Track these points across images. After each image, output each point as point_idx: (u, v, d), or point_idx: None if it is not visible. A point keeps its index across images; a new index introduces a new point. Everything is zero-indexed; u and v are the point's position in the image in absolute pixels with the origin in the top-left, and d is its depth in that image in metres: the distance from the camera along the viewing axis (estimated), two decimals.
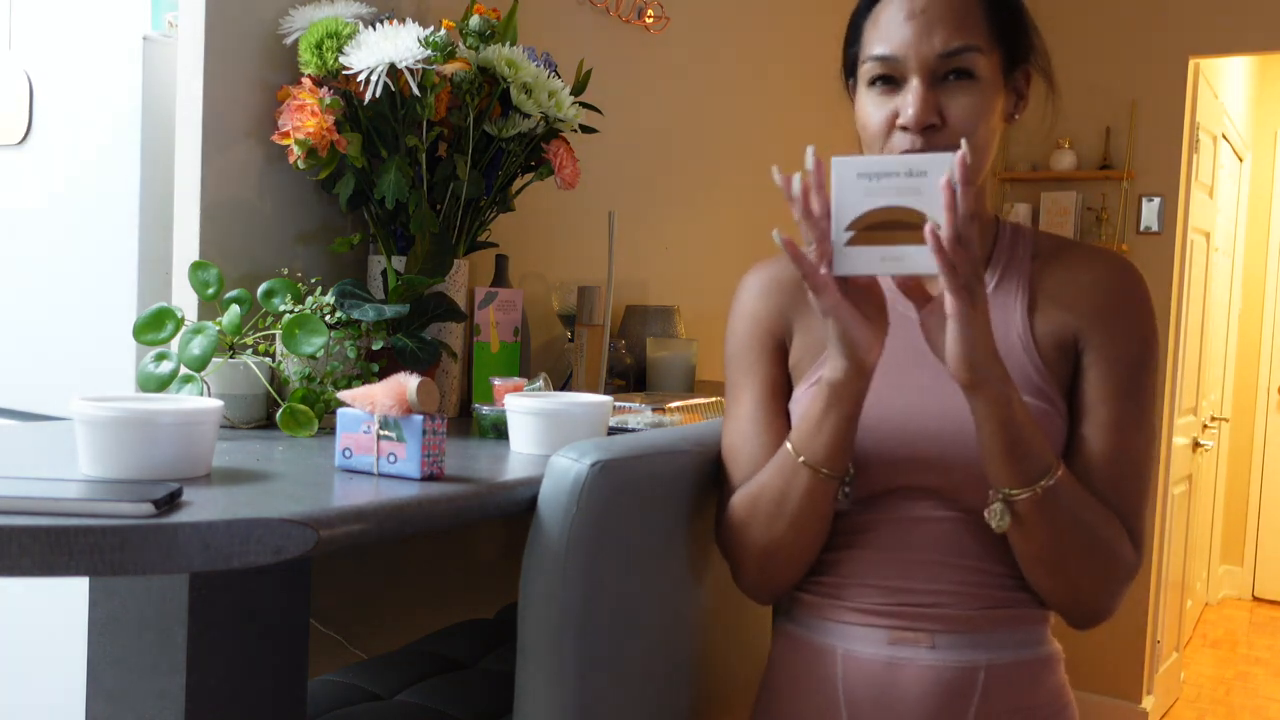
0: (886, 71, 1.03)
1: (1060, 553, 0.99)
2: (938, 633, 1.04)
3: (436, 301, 1.40)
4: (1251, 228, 5.47)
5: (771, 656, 1.15)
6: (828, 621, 1.08)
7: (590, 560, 0.99)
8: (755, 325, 1.14)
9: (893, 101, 1.03)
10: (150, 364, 1.21)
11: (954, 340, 0.90)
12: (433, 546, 1.76)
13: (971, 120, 1.01)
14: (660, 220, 2.33)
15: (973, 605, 1.04)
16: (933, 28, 1.00)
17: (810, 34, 2.85)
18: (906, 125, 1.01)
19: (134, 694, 0.97)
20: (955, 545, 1.04)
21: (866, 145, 1.06)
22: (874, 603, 1.05)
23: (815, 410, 0.99)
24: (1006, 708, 1.05)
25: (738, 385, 1.14)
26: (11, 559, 0.74)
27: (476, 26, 1.45)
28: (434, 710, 1.26)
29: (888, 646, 1.05)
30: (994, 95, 1.03)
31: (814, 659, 1.09)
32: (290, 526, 0.80)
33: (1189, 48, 3.50)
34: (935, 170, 0.88)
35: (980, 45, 1.01)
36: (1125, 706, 3.58)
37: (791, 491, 1.02)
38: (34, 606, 1.51)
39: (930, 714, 1.04)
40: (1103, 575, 1.01)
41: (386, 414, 1.00)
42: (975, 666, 1.04)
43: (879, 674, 1.05)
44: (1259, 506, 5.54)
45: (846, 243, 0.91)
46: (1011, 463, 0.95)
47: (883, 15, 1.04)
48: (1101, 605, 1.03)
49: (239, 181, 1.39)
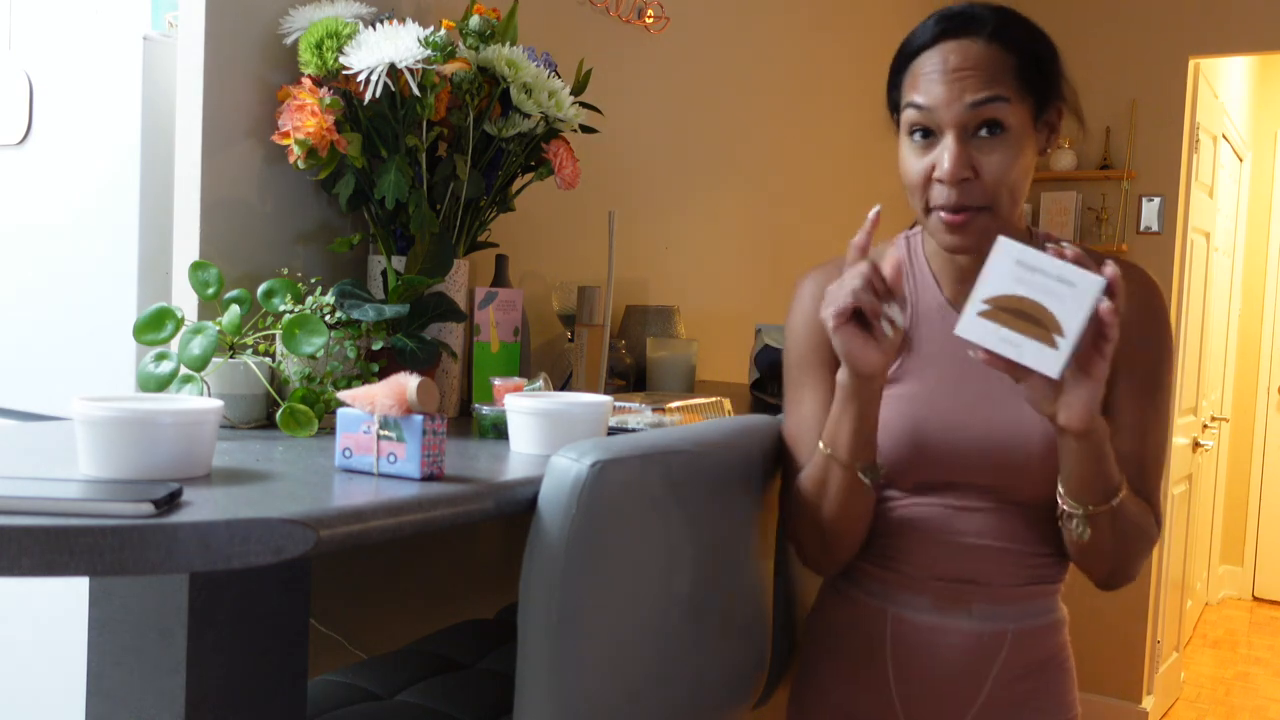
0: (923, 122, 1.12)
1: (1119, 547, 1.14)
2: (976, 603, 1.21)
3: (436, 301, 1.40)
4: (1251, 228, 5.47)
5: (822, 615, 1.33)
6: (882, 587, 1.25)
7: (590, 560, 0.99)
8: (817, 331, 1.25)
9: (930, 155, 1.12)
10: (150, 364, 1.21)
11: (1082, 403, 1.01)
12: (433, 546, 1.76)
13: (1002, 172, 1.11)
14: (660, 220, 2.33)
15: (1007, 581, 1.21)
16: (965, 83, 1.10)
17: (810, 34, 2.85)
18: (942, 179, 1.11)
19: (134, 694, 0.97)
20: (998, 531, 1.20)
21: (908, 192, 1.16)
22: (924, 576, 1.22)
23: (836, 409, 1.14)
24: (1023, 662, 1.23)
25: (801, 384, 1.27)
26: (11, 559, 0.74)
27: (476, 26, 1.45)
28: (434, 710, 1.26)
29: (933, 612, 1.22)
30: (1025, 142, 1.12)
31: (866, 618, 1.26)
32: (290, 526, 0.80)
33: (1189, 48, 3.50)
34: (1083, 287, 0.97)
35: (1008, 96, 1.10)
36: (1125, 706, 3.58)
37: (829, 481, 1.17)
38: (34, 606, 1.51)
39: (962, 668, 1.22)
40: (1142, 555, 1.19)
41: (386, 414, 1.00)
42: (1004, 630, 1.22)
43: (923, 635, 1.23)
44: (1259, 506, 5.54)
45: (979, 312, 1.01)
46: (1095, 488, 1.09)
47: (920, 68, 1.14)
48: (1132, 574, 1.20)
49: (239, 181, 1.39)
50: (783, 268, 2.77)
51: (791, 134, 2.80)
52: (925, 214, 1.14)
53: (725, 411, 1.52)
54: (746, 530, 1.26)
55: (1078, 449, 1.06)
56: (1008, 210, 1.12)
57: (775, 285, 2.73)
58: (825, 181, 2.96)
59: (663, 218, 2.33)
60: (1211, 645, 4.74)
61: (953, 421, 1.18)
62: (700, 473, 1.15)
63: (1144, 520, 1.16)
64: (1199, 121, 3.62)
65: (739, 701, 1.31)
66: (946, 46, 1.12)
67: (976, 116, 1.10)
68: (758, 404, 1.88)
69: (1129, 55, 3.56)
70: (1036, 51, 1.14)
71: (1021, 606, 1.22)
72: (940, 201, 1.11)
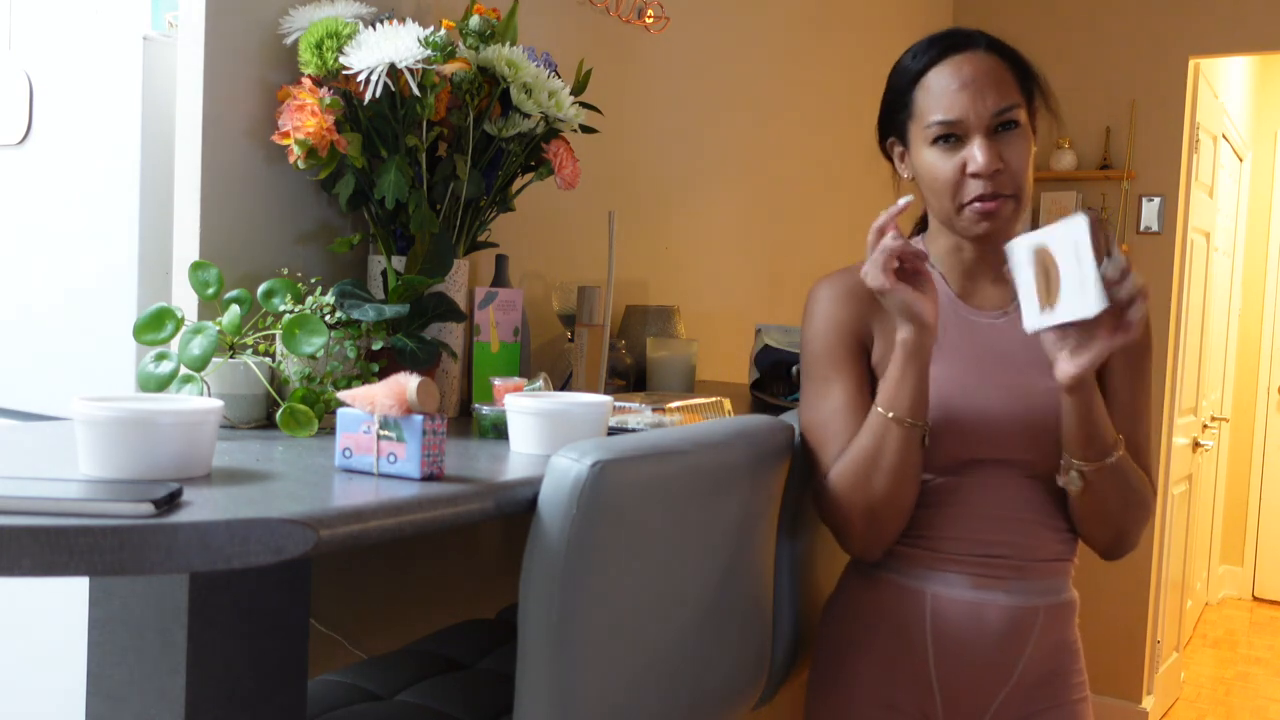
0: (950, 132, 1.26)
1: (1117, 507, 1.27)
2: (1010, 578, 1.29)
3: (436, 301, 1.40)
4: (1251, 228, 5.47)
5: (848, 606, 1.38)
6: (919, 568, 1.31)
7: (590, 560, 0.99)
8: (840, 329, 1.34)
9: (958, 155, 1.26)
10: (150, 364, 1.21)
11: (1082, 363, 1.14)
12: (433, 546, 1.76)
13: (1023, 160, 1.26)
14: (660, 220, 2.33)
15: (1037, 556, 1.30)
16: (984, 92, 1.25)
17: (810, 33, 2.85)
18: (978, 172, 1.24)
19: (134, 694, 0.97)
20: (1025, 503, 1.29)
21: (936, 194, 1.28)
22: (961, 553, 1.29)
23: (895, 371, 1.23)
24: (1052, 641, 1.32)
25: (826, 379, 1.34)
26: (11, 559, 0.74)
27: (476, 26, 1.45)
28: (434, 710, 1.26)
29: (970, 590, 1.29)
30: (1031, 138, 1.29)
31: (905, 600, 1.32)
32: (290, 526, 0.80)
33: (1189, 48, 3.50)
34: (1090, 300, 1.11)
35: (1019, 101, 1.27)
36: (1125, 706, 3.58)
37: (886, 447, 1.24)
38: (34, 606, 1.51)
39: (1000, 646, 1.29)
40: (1141, 521, 1.30)
41: (386, 414, 1.00)
42: (1037, 607, 1.30)
43: (962, 612, 1.29)
44: (1259, 506, 5.54)
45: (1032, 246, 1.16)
46: (1089, 444, 1.21)
47: (934, 84, 1.27)
48: (1134, 542, 1.31)
49: (239, 181, 1.39)
50: (782, 268, 2.77)
51: (792, 134, 2.80)
52: (957, 210, 1.27)
53: (725, 411, 1.52)
54: (747, 530, 1.26)
55: (1075, 404, 1.19)
56: (1026, 197, 1.28)
57: (775, 285, 2.73)
58: (825, 182, 2.96)
59: (663, 218, 2.33)
60: (1211, 645, 4.74)
61: (979, 399, 1.28)
62: (700, 473, 1.15)
63: (1142, 486, 1.28)
64: (1199, 121, 3.62)
65: (740, 701, 1.31)
66: (955, 60, 1.26)
67: (997, 120, 1.25)
68: (758, 404, 1.88)
69: (1129, 55, 3.56)
70: (1018, 59, 1.30)
71: (1049, 582, 1.31)
72: (976, 193, 1.25)
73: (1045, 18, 3.57)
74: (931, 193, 1.29)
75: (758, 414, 1.36)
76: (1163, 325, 3.53)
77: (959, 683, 1.31)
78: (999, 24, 3.76)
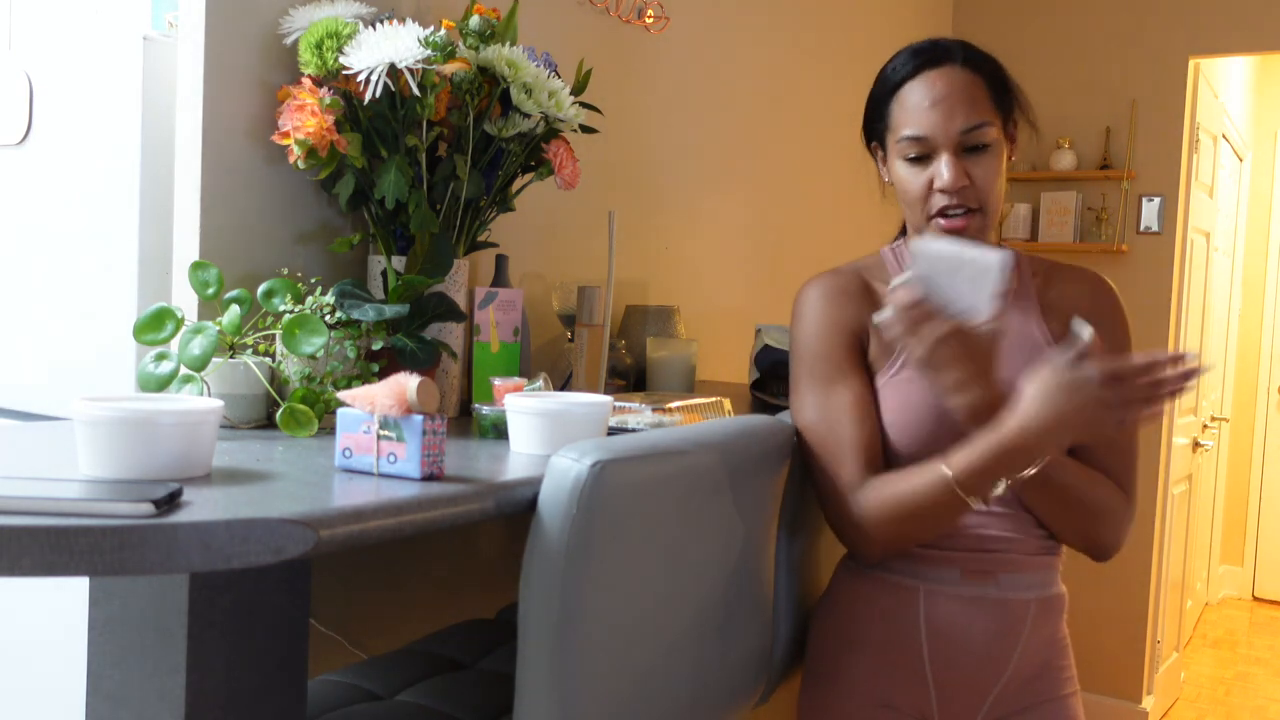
0: (919, 150, 1.29)
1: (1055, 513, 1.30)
2: (1001, 571, 1.31)
3: (436, 301, 1.40)
4: (1251, 228, 5.47)
5: (841, 608, 1.39)
6: (912, 564, 1.32)
7: (590, 560, 0.99)
8: (839, 328, 1.36)
9: (926, 171, 1.29)
10: (150, 364, 1.21)
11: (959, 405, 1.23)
12: (433, 546, 1.76)
13: (991, 176, 1.29)
14: (660, 220, 2.33)
15: (1026, 550, 1.32)
16: (954, 110, 1.27)
17: (810, 34, 2.85)
18: (945, 189, 1.27)
19: (134, 694, 0.97)
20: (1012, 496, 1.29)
21: (908, 205, 1.32)
22: (952, 547, 1.31)
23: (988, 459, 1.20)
24: (1044, 635, 1.34)
25: (829, 379, 1.35)
26: (11, 559, 0.74)
27: (476, 26, 1.45)
28: (434, 710, 1.26)
29: (963, 584, 1.30)
30: (1001, 152, 1.31)
31: (897, 599, 1.33)
32: (290, 526, 0.80)
33: (1189, 48, 3.50)
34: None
35: (990, 119, 1.29)
36: (1125, 706, 3.58)
37: (937, 504, 1.24)
38: (34, 606, 1.51)
39: (993, 641, 1.30)
40: (1105, 526, 1.30)
41: (386, 414, 1.00)
42: (1028, 600, 1.32)
43: (956, 607, 1.31)
44: (1259, 506, 5.54)
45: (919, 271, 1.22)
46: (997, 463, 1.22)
47: (908, 99, 1.30)
48: (1106, 542, 1.32)
49: (239, 181, 1.39)
50: (782, 268, 2.77)
51: (792, 134, 2.80)
52: (926, 221, 1.31)
53: (725, 411, 1.52)
54: (747, 530, 1.26)
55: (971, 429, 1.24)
56: (993, 210, 1.31)
57: (775, 285, 2.73)
58: (825, 181, 2.96)
59: (663, 218, 2.33)
60: (1211, 645, 4.74)
61: None
62: (700, 473, 1.15)
63: (1095, 494, 1.29)
64: (1199, 121, 3.62)
65: (740, 701, 1.31)
66: (929, 76, 1.29)
67: (966, 139, 1.27)
68: (758, 404, 1.88)
69: (1129, 55, 3.56)
70: (995, 70, 1.32)
71: (1038, 576, 1.33)
72: (941, 206, 1.28)
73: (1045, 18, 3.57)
74: (904, 203, 1.34)
75: (758, 414, 1.36)
76: (1163, 325, 3.53)
77: (954, 678, 1.32)
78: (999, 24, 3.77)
